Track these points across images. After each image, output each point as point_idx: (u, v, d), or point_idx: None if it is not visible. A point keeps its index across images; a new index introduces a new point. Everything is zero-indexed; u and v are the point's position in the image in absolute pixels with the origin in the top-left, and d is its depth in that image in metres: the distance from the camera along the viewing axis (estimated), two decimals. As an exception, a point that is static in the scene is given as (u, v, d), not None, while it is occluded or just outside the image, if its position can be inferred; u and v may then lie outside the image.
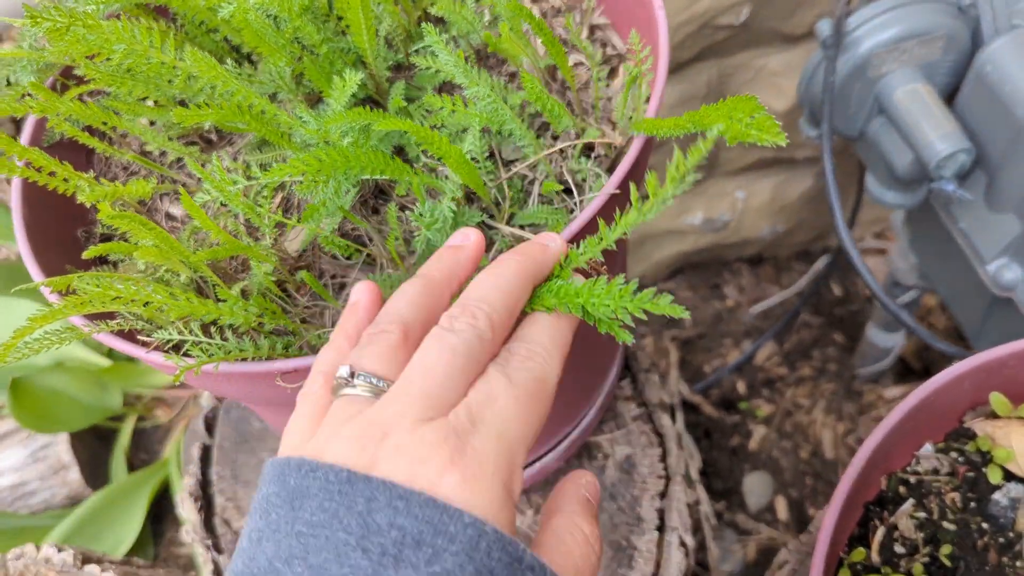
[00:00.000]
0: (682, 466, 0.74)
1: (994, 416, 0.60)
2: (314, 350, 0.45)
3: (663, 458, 0.75)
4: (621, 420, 0.77)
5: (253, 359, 0.43)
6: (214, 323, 0.47)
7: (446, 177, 0.49)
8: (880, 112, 0.88)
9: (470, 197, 0.52)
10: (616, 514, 0.72)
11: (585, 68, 0.59)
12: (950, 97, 0.88)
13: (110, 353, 1.46)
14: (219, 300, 0.45)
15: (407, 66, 0.60)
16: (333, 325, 0.48)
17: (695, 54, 1.22)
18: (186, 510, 0.76)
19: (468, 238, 0.40)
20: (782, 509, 1.45)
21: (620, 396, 0.78)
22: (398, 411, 0.32)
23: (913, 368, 1.55)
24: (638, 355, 0.80)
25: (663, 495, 0.73)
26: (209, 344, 0.42)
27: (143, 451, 1.55)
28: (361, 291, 0.41)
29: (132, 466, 1.52)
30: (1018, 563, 0.57)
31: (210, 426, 0.82)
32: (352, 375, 0.34)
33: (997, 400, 0.58)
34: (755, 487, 1.48)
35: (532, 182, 0.52)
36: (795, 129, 1.34)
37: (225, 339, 0.44)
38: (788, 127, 1.33)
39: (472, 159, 0.50)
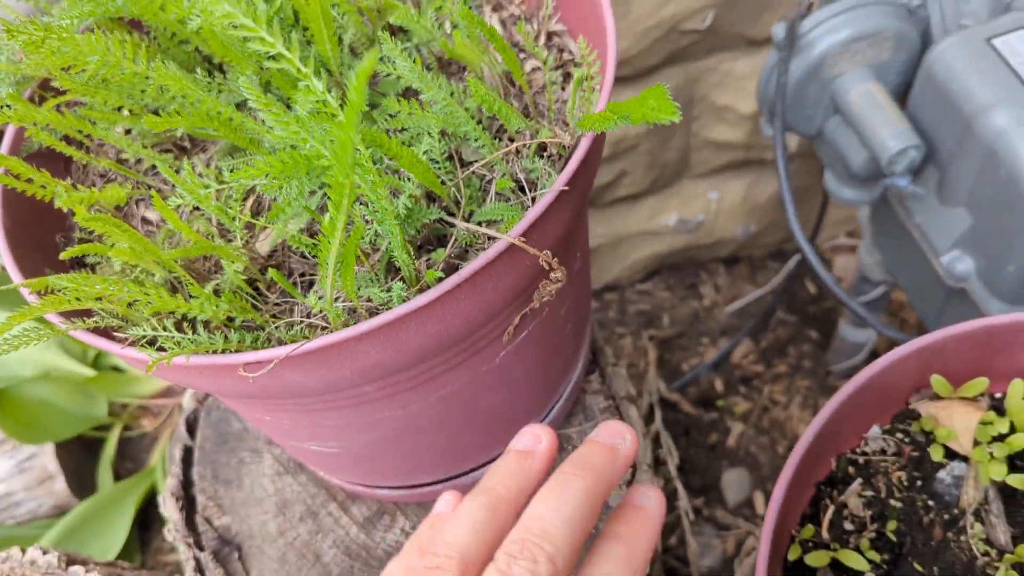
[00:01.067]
0: (648, 455, 0.76)
1: (937, 397, 0.63)
2: (280, 343, 0.48)
3: (630, 448, 0.77)
4: (590, 412, 0.79)
5: (223, 352, 0.45)
6: (187, 320, 0.50)
7: (409, 178, 0.52)
8: (836, 112, 0.91)
9: (433, 197, 0.54)
10: (585, 503, 0.75)
11: (542, 73, 0.61)
12: (903, 96, 0.92)
13: (95, 363, 1.48)
14: (191, 297, 0.47)
15: (372, 73, 0.62)
16: (302, 319, 0.51)
17: (663, 59, 1.25)
18: (168, 509, 0.78)
19: (539, 441, 0.38)
20: (760, 504, 1.48)
21: (588, 390, 0.81)
22: None
23: (886, 363, 1.58)
24: (605, 350, 0.83)
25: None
26: (181, 338, 0.45)
27: (129, 460, 1.56)
28: (447, 502, 0.39)
29: (118, 475, 1.53)
30: (962, 538, 0.59)
31: (191, 428, 0.84)
32: None
33: (938, 382, 0.61)
34: (733, 483, 1.50)
35: (490, 181, 0.55)
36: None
37: (197, 334, 0.46)
38: (756, 130, 1.37)
39: (432, 160, 0.52)
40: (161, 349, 0.46)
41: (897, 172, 0.85)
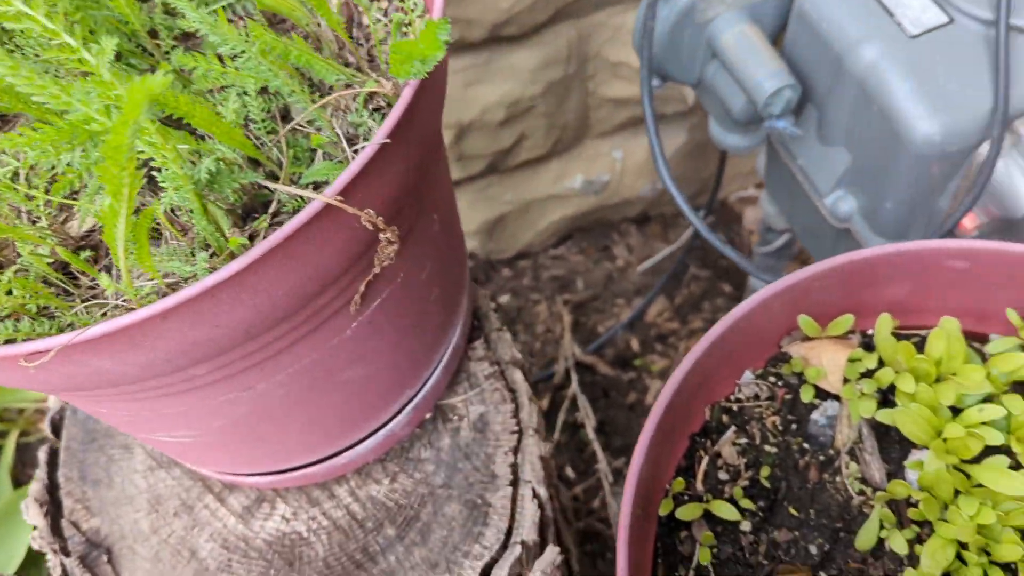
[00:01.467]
0: (534, 419, 0.74)
1: (807, 338, 0.61)
2: (71, 329, 0.43)
3: (515, 413, 0.75)
4: (474, 380, 0.77)
5: (8, 342, 0.41)
6: (-20, 310, 0.45)
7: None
8: (713, 57, 0.89)
9: (257, 160, 0.50)
10: (471, 473, 0.72)
11: (383, 25, 0.58)
12: (780, 37, 0.90)
13: (-18, 368, 1.40)
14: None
15: (195, 34, 0.58)
16: (115, 302, 0.46)
17: (550, 16, 1.22)
18: (31, 516, 0.73)
19: None
20: (682, 459, 1.48)
21: (473, 357, 0.78)
22: None
23: (798, 311, 1.59)
24: (490, 315, 0.80)
25: (516, 450, 0.73)
26: (-42, 330, 0.41)
27: (31, 466, 1.49)
28: None
29: (19, 482, 1.46)
30: (837, 479, 0.58)
31: (56, 428, 0.79)
32: None
33: (805, 322, 0.60)
34: (654, 440, 1.50)
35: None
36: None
37: (-14, 324, 0.42)
38: (651, 83, 1.34)
39: (250, 120, 0.49)
40: (-58, 344, 0.42)
41: (775, 114, 0.83)
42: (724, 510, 0.54)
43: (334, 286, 0.50)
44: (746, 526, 0.56)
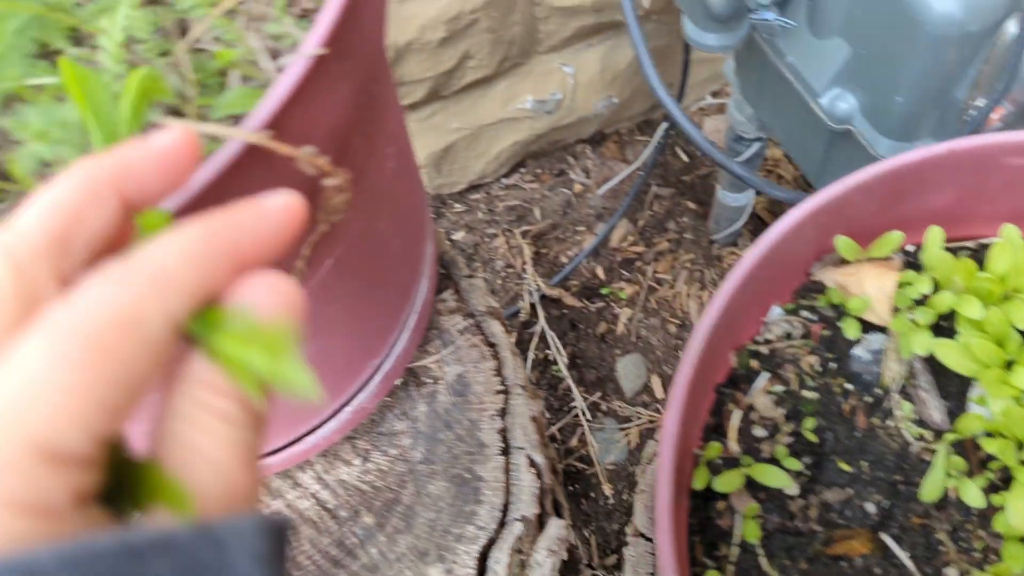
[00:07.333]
0: (520, 375, 0.65)
1: (843, 263, 0.52)
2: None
3: (498, 370, 0.65)
4: (447, 336, 0.66)
5: None
6: None
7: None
8: (687, -57, 0.78)
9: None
10: (455, 444, 0.63)
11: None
12: (759, -84, 0.79)
13: None
14: None
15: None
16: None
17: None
18: None
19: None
20: (658, 388, 1.41)
21: (444, 310, 0.68)
22: None
23: (768, 223, 1.51)
24: (457, 261, 0.70)
25: (503, 413, 0.63)
26: None
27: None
28: None
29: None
30: (888, 421, 0.50)
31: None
32: None
33: (843, 244, 0.50)
34: (628, 371, 1.43)
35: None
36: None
37: None
38: (603, -15, 1.23)
39: (134, 40, 0.36)
40: None
41: (763, 3, 0.73)
42: (771, 475, 0.46)
43: (272, 249, 0.39)
44: (793, 489, 0.48)
